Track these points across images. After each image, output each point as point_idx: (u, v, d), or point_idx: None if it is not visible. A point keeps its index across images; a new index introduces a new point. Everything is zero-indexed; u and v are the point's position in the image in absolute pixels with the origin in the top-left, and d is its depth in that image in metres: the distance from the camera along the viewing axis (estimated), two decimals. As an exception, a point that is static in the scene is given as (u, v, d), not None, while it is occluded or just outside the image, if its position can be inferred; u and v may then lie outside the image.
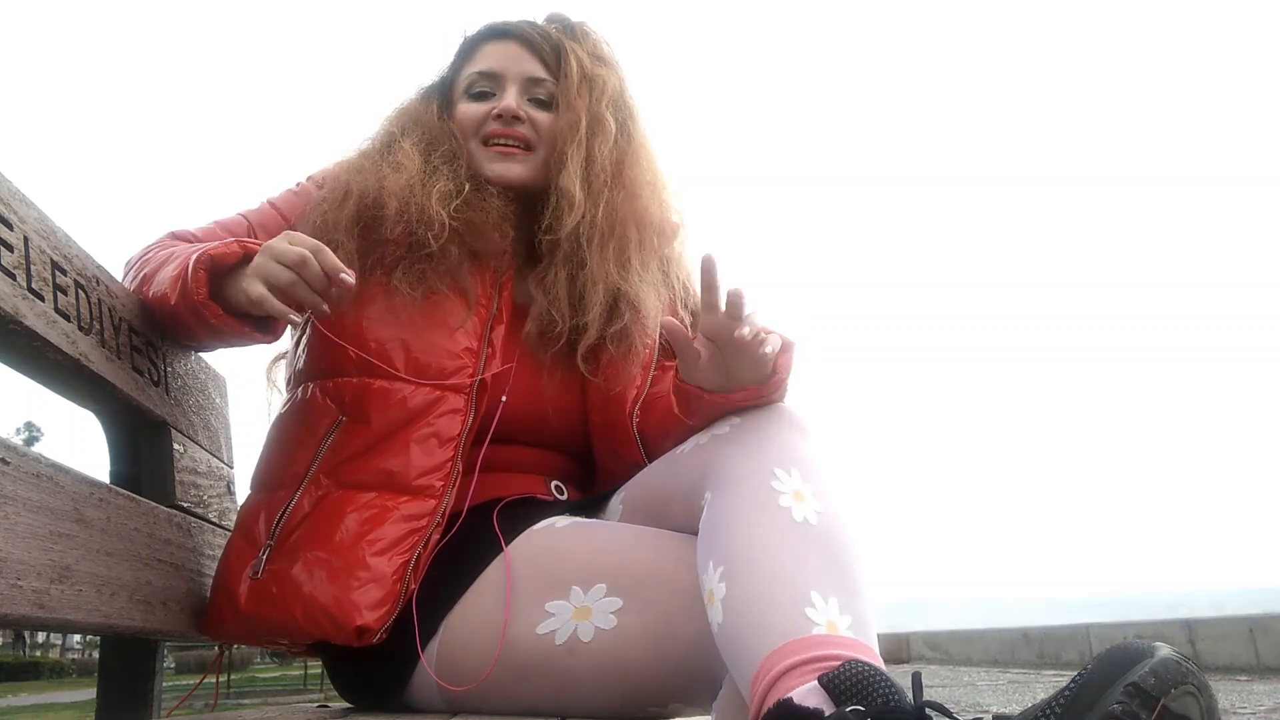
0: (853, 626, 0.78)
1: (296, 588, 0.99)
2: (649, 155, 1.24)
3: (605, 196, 1.17)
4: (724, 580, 0.83)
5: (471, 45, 1.26)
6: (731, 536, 0.86)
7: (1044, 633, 7.82)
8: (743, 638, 0.80)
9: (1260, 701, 3.69)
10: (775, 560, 0.83)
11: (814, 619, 0.77)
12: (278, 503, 1.06)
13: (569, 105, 1.19)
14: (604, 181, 1.18)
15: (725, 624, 0.82)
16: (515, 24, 1.25)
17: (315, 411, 1.10)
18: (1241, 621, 5.66)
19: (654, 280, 1.21)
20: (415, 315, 1.10)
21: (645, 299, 1.18)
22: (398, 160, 1.14)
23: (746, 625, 0.80)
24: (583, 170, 1.17)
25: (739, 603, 0.81)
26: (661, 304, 1.22)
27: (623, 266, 1.18)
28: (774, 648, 0.76)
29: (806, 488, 0.89)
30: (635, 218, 1.19)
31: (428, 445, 1.05)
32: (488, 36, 1.25)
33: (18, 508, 0.80)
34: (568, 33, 1.25)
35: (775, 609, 0.79)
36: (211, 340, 1.14)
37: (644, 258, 1.20)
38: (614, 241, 1.18)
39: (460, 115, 1.22)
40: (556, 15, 1.28)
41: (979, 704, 4.22)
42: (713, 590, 0.84)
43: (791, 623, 0.77)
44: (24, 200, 0.91)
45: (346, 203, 1.13)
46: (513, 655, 0.95)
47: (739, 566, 0.83)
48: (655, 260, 1.23)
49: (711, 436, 0.99)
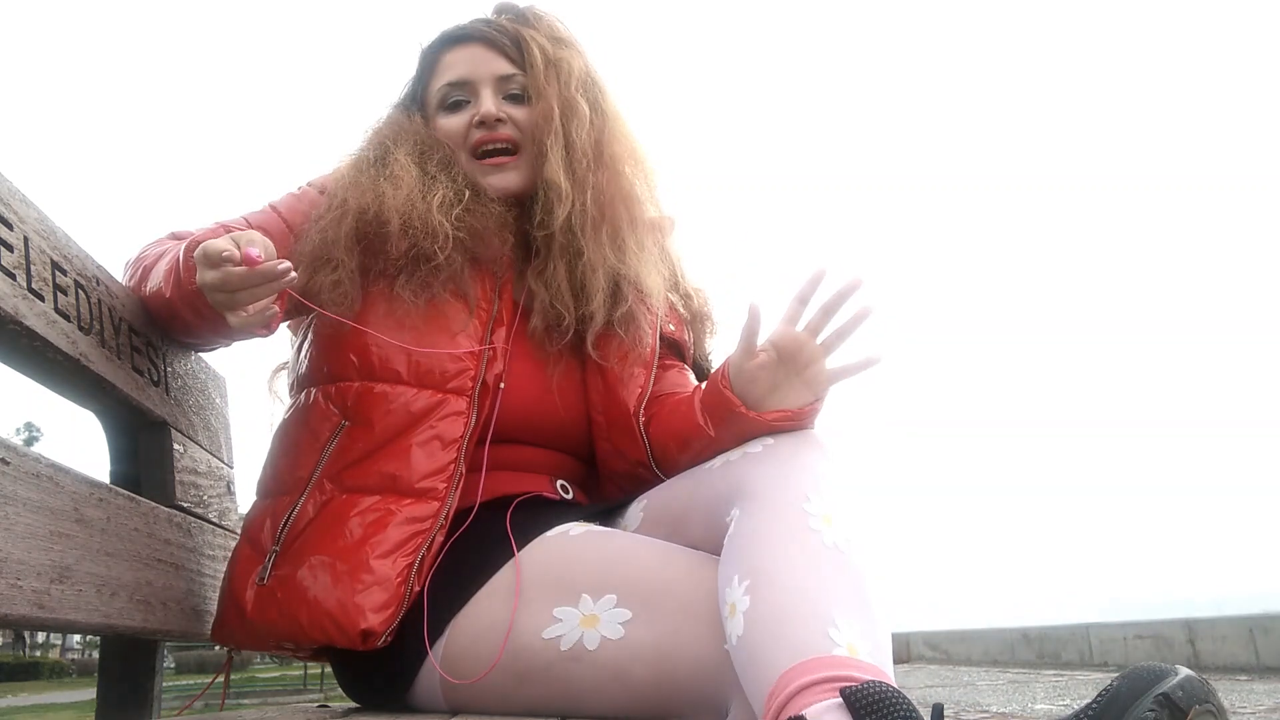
0: (873, 653, 0.78)
1: (302, 592, 0.99)
2: (623, 127, 1.24)
3: (591, 180, 1.17)
4: (748, 594, 0.83)
5: (433, 57, 1.24)
6: (760, 552, 0.86)
7: (1044, 632, 7.81)
8: (762, 650, 0.79)
9: (1260, 701, 3.69)
10: (802, 579, 0.83)
11: (836, 640, 0.77)
12: (282, 508, 1.06)
13: (540, 94, 1.18)
14: (587, 166, 1.17)
15: (745, 636, 0.81)
16: (470, 26, 1.23)
17: (318, 416, 1.10)
18: (1241, 621, 5.66)
19: (651, 258, 1.22)
20: (417, 321, 1.10)
21: (646, 278, 1.19)
22: (394, 174, 1.13)
23: (767, 638, 0.79)
24: (564, 158, 1.17)
25: (761, 616, 0.81)
26: (663, 281, 1.23)
27: (619, 249, 1.18)
28: (794, 663, 0.76)
29: (836, 512, 0.90)
30: (622, 196, 1.20)
31: (430, 448, 1.05)
32: (447, 44, 1.23)
33: (18, 508, 0.80)
34: (521, 21, 1.23)
35: (798, 625, 0.79)
36: (210, 334, 1.13)
37: (638, 237, 1.21)
38: (606, 225, 1.18)
39: (441, 130, 1.21)
40: (505, 5, 1.26)
41: (979, 704, 4.22)
42: (734, 603, 0.84)
43: (813, 640, 0.77)
44: (24, 200, 0.91)
45: (345, 220, 1.11)
46: (517, 658, 0.95)
47: (764, 580, 0.83)
48: (650, 237, 1.23)
49: (744, 454, 0.99)
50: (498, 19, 1.24)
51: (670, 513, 1.05)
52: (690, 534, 0.99)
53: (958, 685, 5.59)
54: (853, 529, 0.89)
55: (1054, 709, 3.79)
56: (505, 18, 1.24)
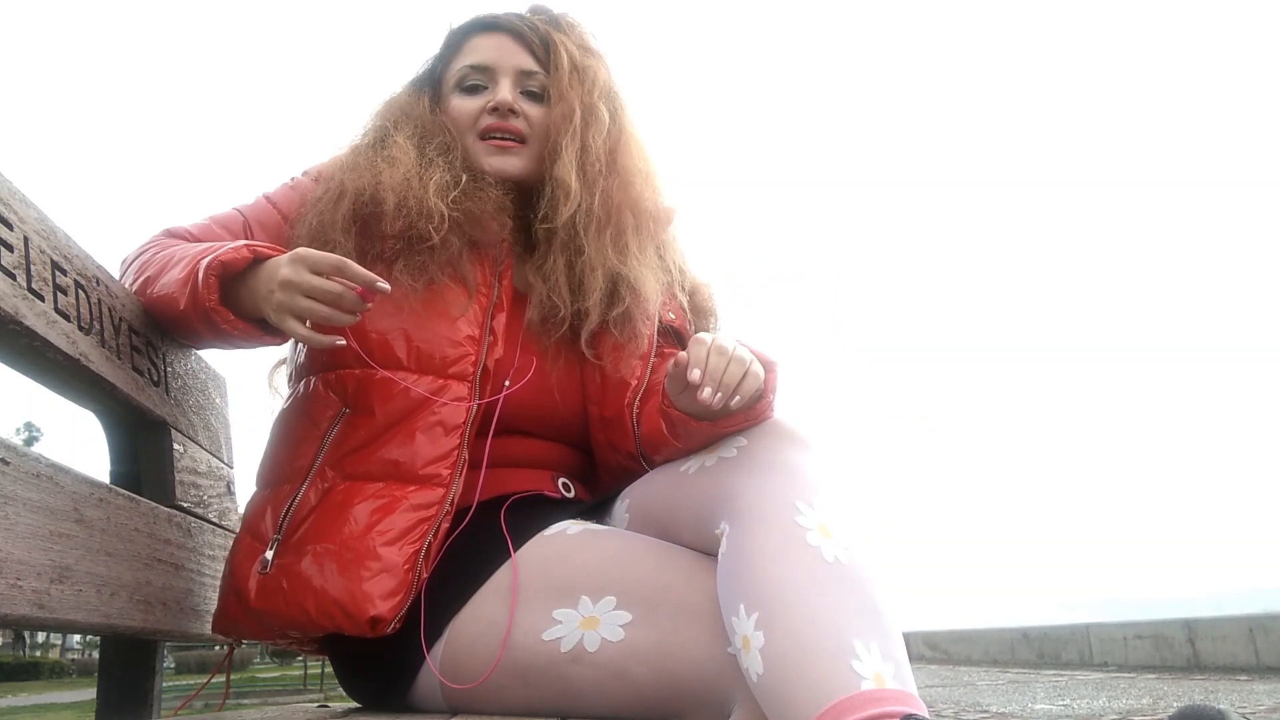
0: (896, 675, 0.78)
1: (306, 581, 0.99)
2: (639, 144, 1.25)
3: (601, 185, 1.18)
4: (760, 627, 0.82)
5: (460, 38, 1.26)
6: (763, 579, 0.84)
7: (1044, 632, 7.82)
8: (788, 693, 0.78)
9: (1260, 701, 3.69)
10: (813, 607, 0.81)
11: (860, 672, 0.76)
12: (283, 497, 1.06)
13: (561, 96, 1.19)
14: (599, 170, 1.18)
15: (767, 676, 0.80)
16: (504, 16, 1.24)
17: (318, 404, 1.10)
18: (1241, 621, 5.66)
19: (651, 263, 1.22)
20: (416, 305, 1.10)
21: (644, 282, 1.19)
22: (392, 155, 1.14)
23: (791, 677, 0.78)
24: (578, 160, 1.17)
25: (780, 654, 0.80)
26: (660, 286, 1.23)
27: (620, 252, 1.18)
28: (825, 707, 0.75)
29: (829, 520, 0.88)
30: (630, 204, 1.20)
31: (433, 434, 1.05)
32: (476, 29, 1.25)
33: (18, 508, 0.80)
34: (553, 25, 1.25)
35: (819, 662, 0.78)
36: (217, 342, 1.14)
37: (641, 242, 1.21)
38: (610, 229, 1.18)
39: (453, 109, 1.22)
40: (540, 7, 1.27)
41: (979, 704, 4.22)
42: (747, 636, 0.83)
43: (839, 678, 0.76)
44: (24, 200, 0.91)
45: (342, 202, 1.12)
46: (517, 659, 0.95)
47: (775, 612, 0.82)
48: (651, 244, 1.24)
49: (719, 459, 0.98)
50: (531, 17, 1.25)
51: (657, 515, 1.04)
52: (680, 539, 0.99)
53: (958, 685, 5.59)
54: (851, 537, 0.88)
55: (1054, 709, 3.78)
56: (539, 18, 1.25)
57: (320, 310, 0.96)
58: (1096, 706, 3.81)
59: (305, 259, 0.96)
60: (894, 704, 0.74)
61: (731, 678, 0.87)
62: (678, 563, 0.95)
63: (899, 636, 0.83)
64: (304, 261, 0.96)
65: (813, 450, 0.97)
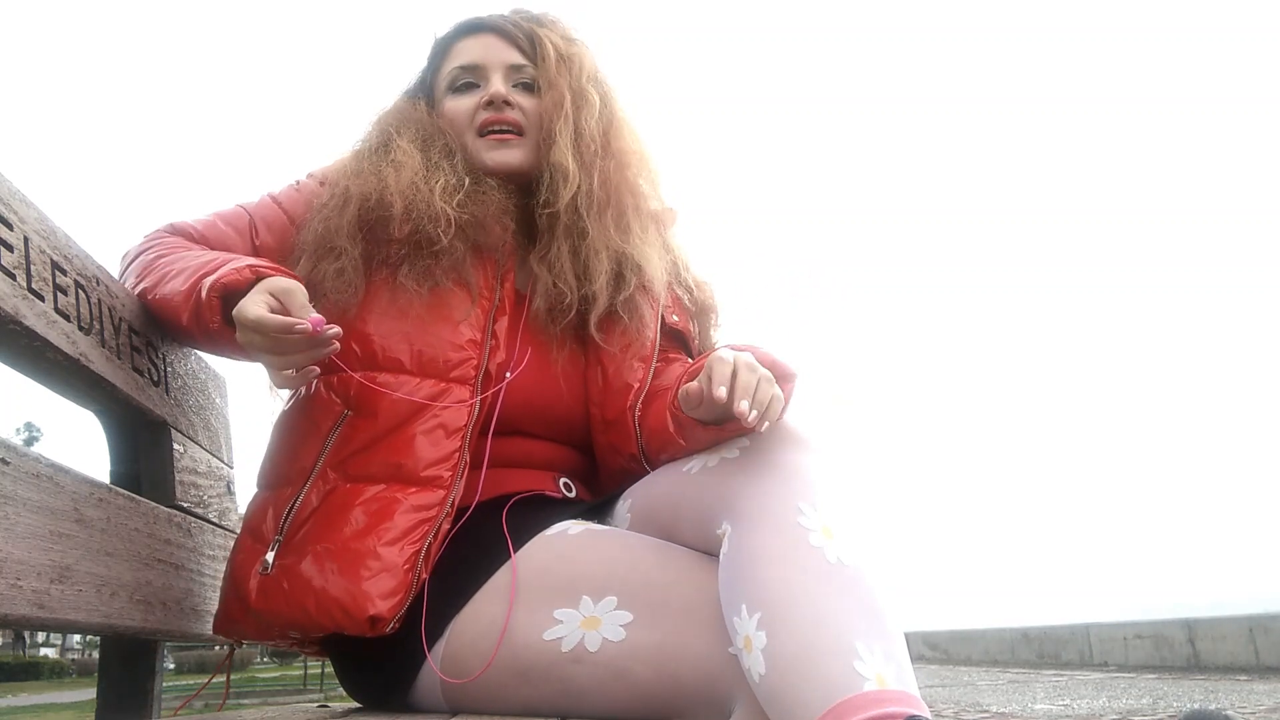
0: (899, 676, 0.78)
1: (307, 581, 0.99)
2: (631, 128, 1.27)
3: (598, 166, 1.19)
4: (762, 628, 0.82)
5: (447, 43, 1.27)
6: (765, 580, 0.85)
7: (1044, 632, 7.82)
8: (790, 694, 0.78)
9: (1260, 701, 3.69)
10: (816, 607, 0.82)
11: (863, 673, 0.77)
12: (285, 499, 1.06)
13: (551, 84, 1.21)
14: (594, 152, 1.19)
15: (769, 677, 0.80)
16: (487, 17, 1.26)
17: (320, 407, 1.10)
18: (1241, 621, 5.66)
19: (654, 243, 1.23)
20: (420, 309, 1.11)
21: (649, 261, 1.19)
22: (397, 159, 1.15)
23: (793, 678, 0.79)
24: (573, 143, 1.18)
25: (783, 655, 0.80)
26: (664, 265, 1.24)
27: (623, 231, 1.19)
28: (826, 708, 0.75)
29: (832, 522, 0.88)
30: (628, 185, 1.22)
31: (434, 437, 1.05)
32: (462, 33, 1.26)
33: (18, 508, 0.80)
34: (536, 22, 1.27)
35: (822, 662, 0.78)
36: (218, 355, 1.16)
37: (642, 222, 1.22)
38: (612, 208, 1.19)
39: (449, 111, 1.23)
40: (521, 9, 1.29)
41: (979, 704, 4.22)
42: (749, 636, 0.83)
43: (841, 679, 0.77)
44: (24, 200, 0.91)
45: (348, 207, 1.13)
46: (517, 659, 0.95)
47: (777, 613, 0.82)
48: (653, 225, 1.25)
49: (721, 460, 0.97)
50: (513, 16, 1.27)
51: (659, 515, 1.04)
52: (682, 540, 0.99)
53: (958, 685, 5.59)
54: (853, 538, 0.88)
55: (1054, 709, 3.79)
56: (520, 16, 1.27)
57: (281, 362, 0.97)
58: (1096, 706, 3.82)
59: (257, 324, 0.93)
60: (896, 705, 0.74)
61: (733, 678, 0.87)
62: (679, 563, 0.95)
63: (901, 638, 0.83)
64: (251, 328, 0.94)
65: (815, 451, 0.96)
